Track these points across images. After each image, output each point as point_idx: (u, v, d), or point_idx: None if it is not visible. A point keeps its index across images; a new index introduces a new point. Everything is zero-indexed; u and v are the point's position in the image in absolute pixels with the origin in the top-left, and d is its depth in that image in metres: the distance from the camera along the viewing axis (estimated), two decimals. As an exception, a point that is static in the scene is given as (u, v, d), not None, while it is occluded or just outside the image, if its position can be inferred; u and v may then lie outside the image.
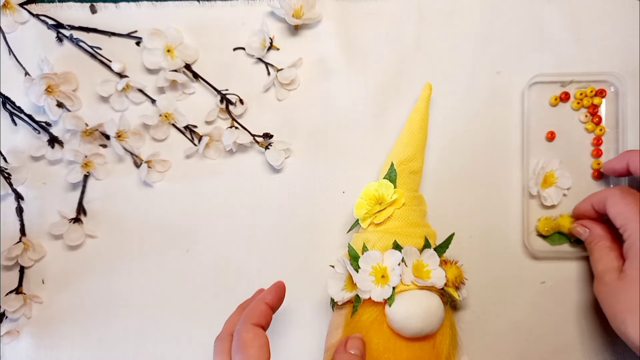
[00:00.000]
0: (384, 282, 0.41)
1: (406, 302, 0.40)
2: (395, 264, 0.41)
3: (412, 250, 0.42)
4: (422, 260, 0.42)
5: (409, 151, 0.46)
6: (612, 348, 0.48)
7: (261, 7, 0.50)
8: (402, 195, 0.44)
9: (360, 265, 0.42)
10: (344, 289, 0.43)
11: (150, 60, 0.49)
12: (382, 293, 0.41)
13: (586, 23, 0.49)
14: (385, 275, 0.41)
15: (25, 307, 0.49)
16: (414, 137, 0.46)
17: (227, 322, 0.40)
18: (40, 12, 0.50)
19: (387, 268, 0.42)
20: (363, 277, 0.41)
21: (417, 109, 0.47)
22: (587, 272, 0.48)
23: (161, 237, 0.50)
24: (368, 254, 0.42)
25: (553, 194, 0.47)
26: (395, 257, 0.42)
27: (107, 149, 0.50)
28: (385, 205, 0.44)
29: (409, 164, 0.46)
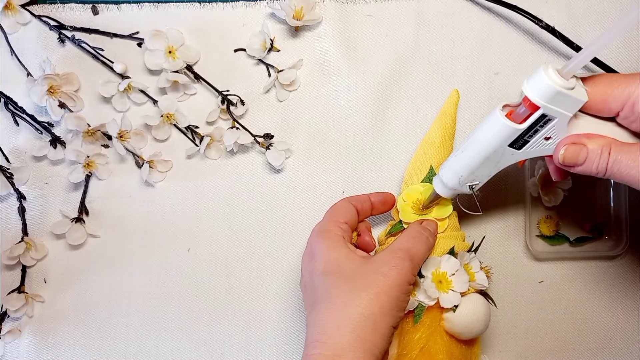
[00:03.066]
0: (444, 287, 0.41)
1: (471, 306, 0.41)
2: (454, 269, 0.41)
3: (465, 254, 0.43)
4: (468, 264, 0.43)
5: (443, 155, 0.46)
6: (611, 348, 0.48)
7: (262, 9, 0.50)
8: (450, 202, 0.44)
9: (423, 272, 0.42)
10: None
11: (152, 61, 0.49)
12: (452, 299, 0.41)
13: (585, 23, 0.49)
14: (444, 280, 0.41)
15: (27, 306, 0.49)
16: (446, 141, 0.46)
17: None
18: (42, 13, 0.50)
19: (446, 273, 0.41)
20: (429, 284, 0.41)
21: (447, 114, 0.47)
22: (586, 272, 0.48)
23: (162, 237, 0.50)
24: (429, 260, 0.42)
25: (554, 194, 0.47)
26: (452, 262, 0.42)
27: (109, 149, 0.51)
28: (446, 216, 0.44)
29: None
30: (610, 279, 0.48)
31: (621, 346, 0.48)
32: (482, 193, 0.48)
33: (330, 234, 0.40)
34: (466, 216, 0.49)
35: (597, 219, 0.48)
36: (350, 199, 0.43)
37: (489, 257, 0.48)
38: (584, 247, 0.48)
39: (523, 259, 0.49)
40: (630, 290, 0.48)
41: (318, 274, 0.37)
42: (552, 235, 0.48)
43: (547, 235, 0.48)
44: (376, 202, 0.44)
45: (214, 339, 0.49)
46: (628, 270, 0.48)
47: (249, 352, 0.49)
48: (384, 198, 0.45)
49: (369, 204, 0.44)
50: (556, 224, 0.48)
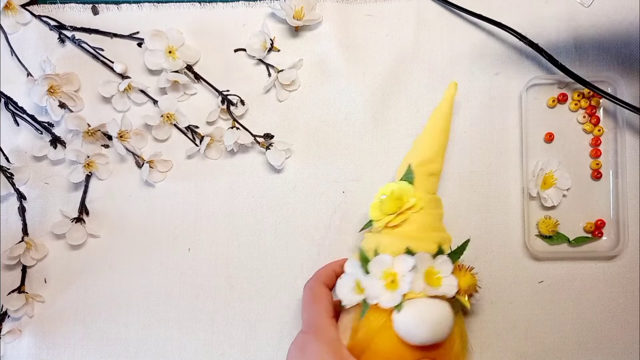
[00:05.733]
0: (394, 287, 0.39)
1: (415, 310, 0.38)
2: (407, 270, 0.39)
3: (425, 256, 0.40)
4: (434, 267, 0.41)
5: (429, 153, 0.45)
6: (610, 348, 0.48)
7: (262, 9, 0.50)
8: (420, 199, 0.43)
9: (370, 269, 0.40)
10: (353, 290, 0.41)
11: (152, 61, 0.49)
12: (391, 299, 0.39)
13: (584, 24, 0.49)
14: (395, 280, 0.39)
15: (27, 306, 0.49)
16: (435, 139, 0.45)
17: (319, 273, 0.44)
18: (43, 13, 0.50)
19: (397, 274, 0.40)
20: (372, 281, 0.40)
21: (440, 109, 0.46)
22: (585, 272, 0.48)
23: (163, 237, 0.50)
24: (379, 258, 0.40)
25: (553, 195, 0.48)
26: (406, 263, 0.40)
27: (109, 149, 0.51)
28: (403, 209, 0.42)
29: (427, 166, 0.44)
30: (609, 279, 0.48)
31: (621, 346, 0.48)
32: (482, 193, 0.49)
33: (328, 338, 0.40)
34: (465, 217, 0.49)
35: (596, 219, 0.48)
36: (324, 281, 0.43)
37: (488, 257, 0.48)
38: (583, 247, 0.48)
39: (522, 259, 0.49)
40: (629, 290, 0.48)
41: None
42: (552, 235, 0.48)
43: (547, 235, 0.48)
44: (339, 270, 0.44)
45: (214, 339, 0.49)
46: (627, 270, 0.48)
47: (249, 352, 0.49)
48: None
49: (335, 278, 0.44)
50: (555, 224, 0.48)
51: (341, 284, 0.42)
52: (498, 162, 0.49)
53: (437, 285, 0.40)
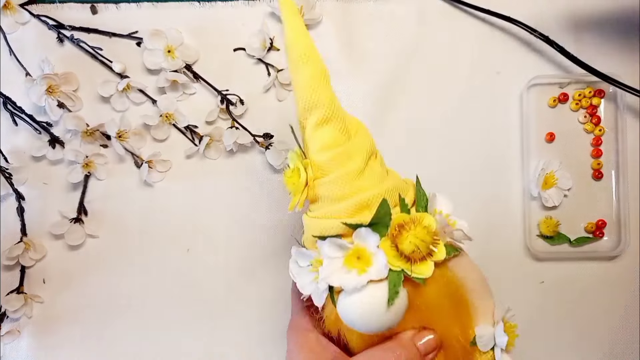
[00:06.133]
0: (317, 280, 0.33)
1: (344, 305, 0.32)
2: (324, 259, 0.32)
3: (335, 242, 0.32)
4: (358, 245, 0.32)
5: (303, 95, 0.33)
6: (611, 348, 0.48)
7: (261, 8, 0.50)
8: (314, 168, 0.34)
9: (298, 261, 0.35)
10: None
11: (151, 61, 0.49)
12: (318, 296, 0.33)
13: (585, 23, 0.49)
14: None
15: (26, 306, 0.49)
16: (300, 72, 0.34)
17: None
18: (41, 13, 0.50)
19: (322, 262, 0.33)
20: (302, 275, 0.34)
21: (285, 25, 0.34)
22: (586, 272, 0.48)
23: (162, 237, 0.50)
24: (300, 252, 0.34)
25: (554, 195, 0.47)
26: (322, 250, 0.32)
27: (108, 149, 0.50)
28: (295, 191, 0.34)
29: (309, 117, 0.34)
30: (610, 280, 0.48)
31: (621, 347, 0.48)
32: (483, 193, 0.49)
33: (300, 330, 0.37)
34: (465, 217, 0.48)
35: (597, 219, 0.48)
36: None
37: (489, 257, 0.48)
38: (584, 248, 0.48)
39: (523, 259, 0.48)
40: (630, 290, 0.48)
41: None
42: (552, 235, 0.48)
43: (547, 235, 0.48)
44: None
45: (213, 340, 0.49)
46: (628, 270, 0.48)
47: (249, 352, 0.49)
48: None
49: None
50: (556, 224, 0.48)
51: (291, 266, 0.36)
52: (499, 162, 0.49)
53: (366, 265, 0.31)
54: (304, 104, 0.33)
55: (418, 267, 0.32)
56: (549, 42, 0.47)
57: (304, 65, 0.33)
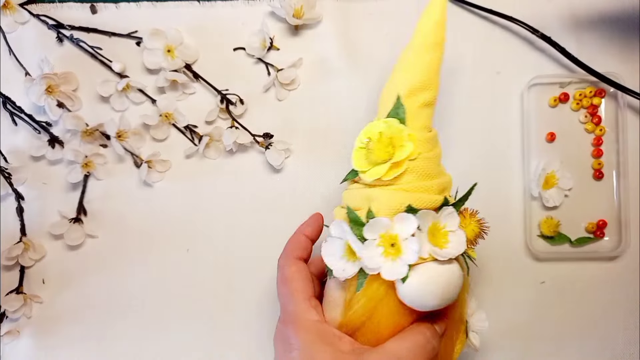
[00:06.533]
0: (395, 253, 0.33)
1: (423, 278, 0.33)
2: (409, 233, 0.33)
3: (428, 214, 0.34)
4: (439, 222, 0.34)
5: (421, 76, 0.36)
6: (612, 348, 0.48)
7: (261, 7, 0.50)
8: (417, 142, 0.35)
9: (366, 234, 0.34)
10: (344, 257, 0.35)
11: (151, 60, 0.49)
12: (395, 271, 0.33)
13: (586, 23, 0.49)
14: (397, 245, 0.33)
15: (25, 307, 0.49)
16: (426, 58, 0.36)
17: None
18: (41, 12, 0.50)
19: (397, 236, 0.33)
20: (369, 249, 0.34)
21: (428, 19, 0.37)
22: (587, 273, 0.48)
23: (161, 237, 0.50)
24: (376, 222, 0.34)
25: (555, 195, 0.47)
26: (409, 224, 0.33)
27: (108, 149, 0.50)
28: (398, 159, 0.35)
29: (420, 95, 0.36)
30: (611, 280, 0.48)
31: (622, 347, 0.48)
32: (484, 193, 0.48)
33: (308, 324, 0.35)
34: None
35: (598, 219, 0.48)
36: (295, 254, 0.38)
37: (489, 256, 0.48)
38: (585, 248, 0.48)
39: (524, 260, 0.48)
40: (631, 290, 0.48)
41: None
42: (553, 235, 0.48)
43: (548, 235, 0.48)
44: (312, 233, 0.40)
45: (213, 340, 0.49)
46: (629, 270, 0.48)
47: (249, 352, 0.49)
48: (315, 223, 0.40)
49: (309, 243, 0.40)
50: (557, 224, 0.48)
51: (328, 251, 0.35)
52: (499, 162, 0.49)
53: (444, 244, 0.34)
54: (420, 81, 0.36)
55: (471, 250, 0.36)
56: (550, 42, 0.47)
57: (433, 51, 0.37)
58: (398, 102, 0.36)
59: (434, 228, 0.34)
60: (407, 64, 0.37)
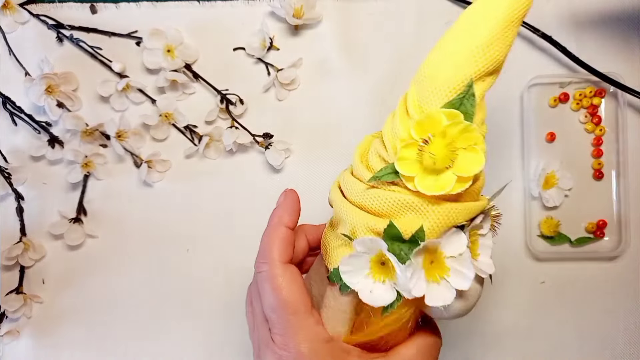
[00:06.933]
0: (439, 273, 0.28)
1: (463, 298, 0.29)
2: (458, 251, 0.28)
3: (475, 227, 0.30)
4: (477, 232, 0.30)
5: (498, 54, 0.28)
6: (612, 348, 0.48)
7: (261, 7, 0.50)
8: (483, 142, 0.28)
9: (412, 257, 0.28)
10: (370, 276, 0.29)
11: (151, 60, 0.49)
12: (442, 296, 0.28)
13: (586, 23, 0.49)
14: (437, 260, 0.28)
15: (25, 307, 0.49)
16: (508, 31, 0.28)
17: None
18: (41, 12, 0.50)
19: (443, 254, 0.28)
20: (416, 274, 0.28)
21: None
22: (587, 273, 0.48)
23: (161, 237, 0.50)
24: (430, 243, 0.28)
25: (555, 195, 0.47)
26: (459, 242, 0.28)
27: (108, 149, 0.50)
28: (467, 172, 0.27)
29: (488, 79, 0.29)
30: (611, 280, 0.48)
31: (622, 347, 0.48)
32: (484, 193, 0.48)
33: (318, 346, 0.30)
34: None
35: (598, 219, 0.48)
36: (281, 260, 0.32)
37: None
38: (585, 248, 0.48)
39: (524, 260, 0.48)
40: (631, 290, 0.48)
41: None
42: (553, 235, 0.48)
43: (548, 235, 0.48)
44: (292, 220, 0.34)
45: (213, 340, 0.49)
46: (629, 270, 0.48)
47: (249, 352, 0.49)
48: (293, 206, 0.35)
49: (291, 235, 0.34)
50: (557, 224, 0.48)
51: (348, 268, 0.29)
52: (499, 162, 0.49)
53: (475, 255, 0.30)
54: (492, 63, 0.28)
55: None
56: (551, 42, 0.47)
57: (515, 27, 0.29)
58: (469, 89, 0.27)
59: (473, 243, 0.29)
60: (486, 37, 0.27)
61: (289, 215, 0.33)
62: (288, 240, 0.33)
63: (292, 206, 0.34)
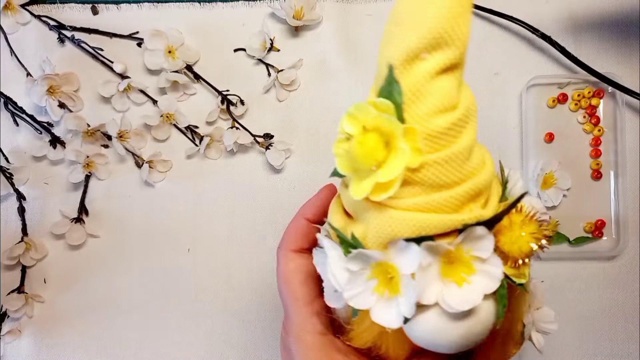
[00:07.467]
0: (392, 291, 0.24)
1: (432, 323, 0.24)
2: (409, 270, 0.23)
3: (437, 246, 0.23)
4: (462, 248, 0.24)
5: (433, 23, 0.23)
6: (610, 347, 0.48)
7: (262, 9, 0.50)
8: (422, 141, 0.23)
9: (350, 266, 0.24)
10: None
11: (152, 61, 0.49)
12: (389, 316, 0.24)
13: (584, 24, 0.49)
14: (395, 279, 0.24)
15: (27, 306, 0.49)
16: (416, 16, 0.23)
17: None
18: (42, 13, 0.50)
19: (396, 268, 0.24)
20: (356, 282, 0.24)
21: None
22: (586, 272, 0.48)
23: (162, 237, 0.50)
24: (360, 254, 0.24)
25: (553, 195, 0.47)
26: (411, 256, 0.23)
27: (109, 149, 0.51)
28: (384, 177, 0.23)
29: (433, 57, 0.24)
30: (610, 279, 0.48)
31: (621, 347, 0.48)
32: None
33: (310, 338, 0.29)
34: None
35: (596, 219, 0.48)
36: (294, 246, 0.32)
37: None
38: (583, 247, 0.48)
39: (523, 259, 0.49)
40: (630, 290, 0.48)
41: None
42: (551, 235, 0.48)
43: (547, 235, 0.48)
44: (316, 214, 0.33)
45: (213, 340, 0.49)
46: (627, 270, 0.48)
47: (249, 352, 0.49)
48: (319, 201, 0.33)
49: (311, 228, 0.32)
50: (555, 224, 0.48)
51: (319, 259, 0.27)
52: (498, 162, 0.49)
53: (468, 273, 0.24)
54: (429, 35, 0.23)
55: (521, 272, 0.25)
56: (550, 42, 0.47)
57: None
58: (390, 76, 0.23)
59: (454, 257, 0.24)
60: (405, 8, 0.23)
61: (311, 208, 0.33)
62: (302, 230, 0.32)
63: (318, 201, 0.33)
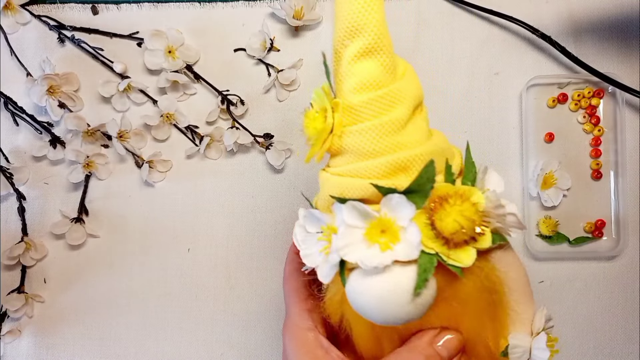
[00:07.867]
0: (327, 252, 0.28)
1: (358, 287, 0.26)
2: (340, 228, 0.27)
3: (357, 207, 0.26)
4: (390, 218, 0.26)
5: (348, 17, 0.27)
6: (610, 348, 0.48)
7: (262, 9, 0.50)
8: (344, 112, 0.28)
9: (306, 225, 0.29)
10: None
11: (152, 61, 0.49)
12: (325, 271, 0.27)
13: (584, 24, 0.49)
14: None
15: (27, 306, 0.49)
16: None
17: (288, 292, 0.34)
18: (42, 13, 0.50)
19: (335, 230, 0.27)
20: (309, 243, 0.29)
21: None
22: (586, 272, 0.48)
23: (162, 237, 0.50)
24: (310, 214, 0.29)
25: (553, 195, 0.47)
26: (339, 215, 0.27)
27: (109, 149, 0.51)
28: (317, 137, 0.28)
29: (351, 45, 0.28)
30: (610, 279, 0.48)
31: (621, 347, 0.48)
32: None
33: (297, 331, 0.32)
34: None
35: (596, 219, 0.48)
36: (293, 250, 0.35)
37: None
38: (583, 247, 0.48)
39: (522, 259, 0.48)
40: (630, 290, 0.48)
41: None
42: (552, 235, 0.48)
43: (547, 235, 0.48)
44: None
45: (214, 339, 0.49)
46: (628, 270, 0.48)
47: (249, 352, 0.49)
48: None
49: None
50: (555, 224, 0.48)
51: (296, 231, 0.30)
52: (498, 162, 0.49)
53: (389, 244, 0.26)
54: (346, 25, 0.27)
55: (457, 253, 0.26)
56: (550, 42, 0.47)
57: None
58: (324, 61, 0.29)
59: (378, 224, 0.26)
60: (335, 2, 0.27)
61: None
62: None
63: None
